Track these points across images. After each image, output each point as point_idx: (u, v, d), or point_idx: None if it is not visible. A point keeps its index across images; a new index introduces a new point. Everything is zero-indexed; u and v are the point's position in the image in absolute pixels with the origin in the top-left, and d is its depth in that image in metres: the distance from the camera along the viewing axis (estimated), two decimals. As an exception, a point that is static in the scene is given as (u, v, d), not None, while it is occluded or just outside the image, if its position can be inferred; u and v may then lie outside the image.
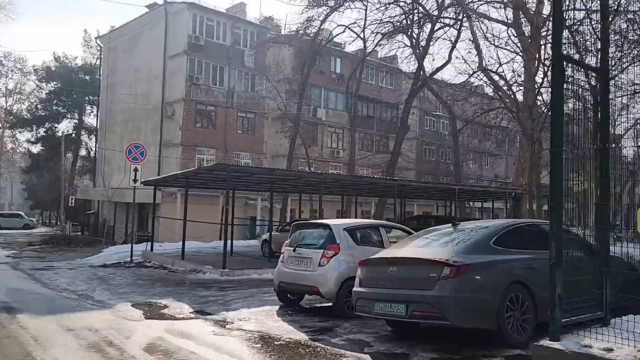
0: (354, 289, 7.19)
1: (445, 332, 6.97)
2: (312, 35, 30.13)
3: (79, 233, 38.35)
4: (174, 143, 31.56)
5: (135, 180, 16.66)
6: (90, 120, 52.12)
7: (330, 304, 8.71)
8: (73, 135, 49.00)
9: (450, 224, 7.59)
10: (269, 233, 19.18)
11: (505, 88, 15.49)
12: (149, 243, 19.67)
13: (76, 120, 50.66)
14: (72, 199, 35.10)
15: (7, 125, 55.29)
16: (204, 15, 31.76)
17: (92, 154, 51.70)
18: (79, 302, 9.60)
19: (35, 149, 51.48)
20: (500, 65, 15.18)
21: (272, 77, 32.58)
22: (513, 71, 15.26)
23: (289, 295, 9.57)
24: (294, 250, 9.15)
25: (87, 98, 50.40)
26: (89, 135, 51.85)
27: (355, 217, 25.07)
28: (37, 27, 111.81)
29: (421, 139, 43.69)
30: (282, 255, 9.52)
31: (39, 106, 50.51)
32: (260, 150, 34.54)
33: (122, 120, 36.48)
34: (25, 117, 50.72)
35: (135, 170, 16.70)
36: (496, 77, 15.80)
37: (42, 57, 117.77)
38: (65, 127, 50.67)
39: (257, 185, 20.57)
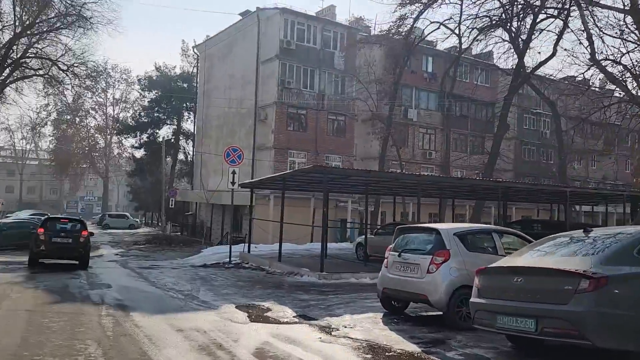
0: (472, 299, 6.62)
1: (575, 351, 6.23)
2: (404, 33, 29.40)
3: (179, 233, 40.25)
4: (266, 146, 32.14)
5: (233, 183, 17.00)
6: (188, 125, 54.81)
7: (440, 313, 8.18)
8: (172, 140, 51.67)
9: (581, 230, 6.80)
10: (363, 236, 18.82)
11: (627, 80, 14.00)
12: (246, 244, 19.93)
13: (175, 126, 53.42)
14: (172, 200, 36.96)
15: (115, 132, 59.55)
16: (295, 20, 32.12)
17: (189, 158, 54.34)
18: (185, 302, 9.79)
19: (139, 153, 54.94)
20: (625, 53, 13.65)
21: (362, 79, 32.25)
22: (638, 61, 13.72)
23: (393, 302, 9.14)
24: (399, 256, 8.70)
25: (184, 105, 53.00)
26: (186, 140, 54.51)
27: (452, 221, 24.06)
28: (140, 40, 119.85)
29: (520, 139, 41.38)
30: (385, 260, 9.11)
31: (142, 113, 53.84)
32: (351, 153, 34.36)
33: (217, 125, 37.85)
34: (130, 124, 54.28)
35: (233, 172, 17.04)
36: (617, 68, 14.32)
37: (145, 68, 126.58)
38: (165, 132, 53.64)
39: (351, 188, 20.32)
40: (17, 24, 33.84)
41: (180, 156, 54.62)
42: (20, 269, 14.96)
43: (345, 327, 7.82)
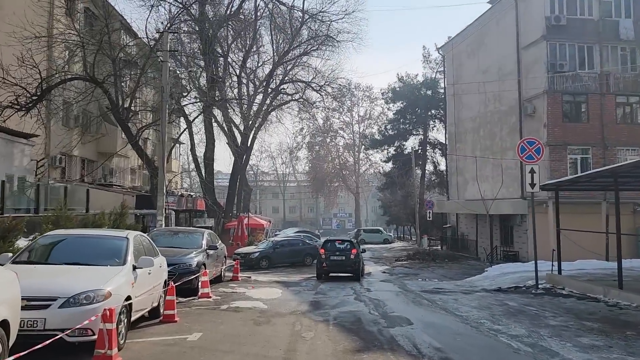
0: None
1: None
2: None
3: (438, 247, 37.44)
4: (538, 144, 27.16)
5: (532, 185, 13.23)
6: (434, 134, 52.38)
7: None
8: (419, 150, 49.74)
9: None
10: None
11: None
12: (553, 263, 15.15)
13: (421, 136, 51.46)
14: (429, 213, 34.42)
15: (363, 147, 60.62)
16: (563, -10, 26.80)
17: (438, 167, 51.66)
18: (543, 362, 6.49)
19: (387, 167, 54.50)
20: None
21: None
22: None
23: None
24: None
25: (430, 113, 50.74)
26: (433, 149, 52.07)
27: None
28: (380, 55, 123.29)
29: None
30: None
31: (388, 127, 53.35)
32: (652, 142, 27.14)
33: (472, 128, 34.20)
34: (377, 138, 54.28)
35: (532, 172, 13.29)
36: None
37: (387, 80, 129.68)
38: (411, 144, 52.14)
39: None
40: (274, 55, 36.12)
41: (429, 167, 52.38)
42: (299, 291, 13.76)
43: None
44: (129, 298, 6.55)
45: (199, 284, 11.21)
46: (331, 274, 18.18)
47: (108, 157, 28.27)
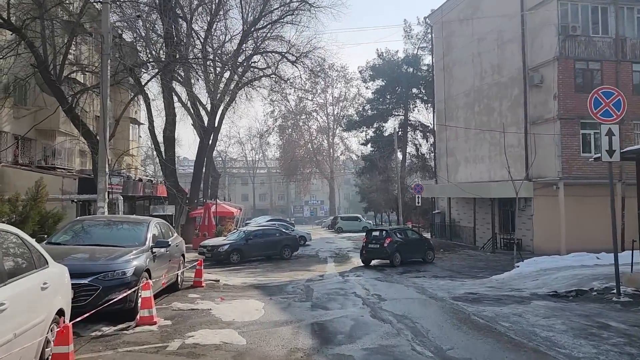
0: None
1: None
2: None
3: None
4: (546, 118, 24.07)
5: (610, 152, 9.66)
6: (415, 115, 48.94)
7: None
8: (399, 132, 46.25)
9: None
10: None
11: None
12: (632, 252, 11.12)
13: (402, 117, 47.93)
14: (418, 198, 30.93)
15: (341, 128, 56.73)
16: (576, -59, 23.45)
17: (420, 150, 48.31)
18: None
19: (365, 150, 50.91)
20: None
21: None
22: None
23: None
24: None
25: (411, 92, 47.19)
26: (414, 131, 48.67)
27: None
28: (360, 23, 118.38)
29: None
30: None
31: (367, 107, 49.62)
32: (672, 116, 24.30)
33: (465, 104, 30.77)
34: (355, 119, 50.55)
35: (610, 134, 9.72)
36: None
37: (365, 55, 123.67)
38: (391, 125, 48.60)
39: None
40: (243, 24, 31.83)
41: (410, 149, 48.89)
42: (289, 304, 9.88)
43: None
44: None
45: (138, 301, 7.20)
46: (372, 262, 19.98)
47: (30, 130, 23.44)
